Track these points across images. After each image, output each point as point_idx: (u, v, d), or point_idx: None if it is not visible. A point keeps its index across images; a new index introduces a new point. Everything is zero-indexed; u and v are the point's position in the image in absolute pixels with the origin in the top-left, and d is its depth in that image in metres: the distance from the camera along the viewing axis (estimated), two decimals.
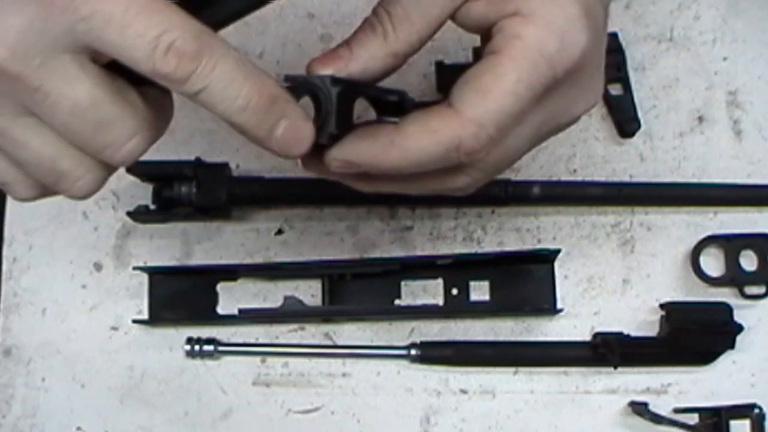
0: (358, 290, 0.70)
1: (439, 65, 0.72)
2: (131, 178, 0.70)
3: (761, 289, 0.70)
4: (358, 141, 0.46)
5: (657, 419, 0.66)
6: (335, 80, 0.45)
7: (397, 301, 0.70)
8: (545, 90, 0.45)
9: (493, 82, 0.44)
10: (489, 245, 0.71)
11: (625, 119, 0.71)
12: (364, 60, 0.47)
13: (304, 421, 0.69)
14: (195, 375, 0.69)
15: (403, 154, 0.45)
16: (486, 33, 0.47)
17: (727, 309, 0.68)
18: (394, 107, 0.50)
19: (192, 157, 0.69)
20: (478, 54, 0.48)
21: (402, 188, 0.49)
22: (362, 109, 0.74)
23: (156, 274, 0.70)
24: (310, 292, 0.70)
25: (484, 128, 0.44)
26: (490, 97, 0.44)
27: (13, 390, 0.69)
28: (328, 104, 0.45)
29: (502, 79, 0.44)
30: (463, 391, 0.69)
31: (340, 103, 0.45)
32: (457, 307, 0.70)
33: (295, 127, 0.43)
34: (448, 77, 0.71)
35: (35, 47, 0.38)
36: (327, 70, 0.46)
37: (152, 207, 0.70)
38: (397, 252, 0.71)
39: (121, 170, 0.68)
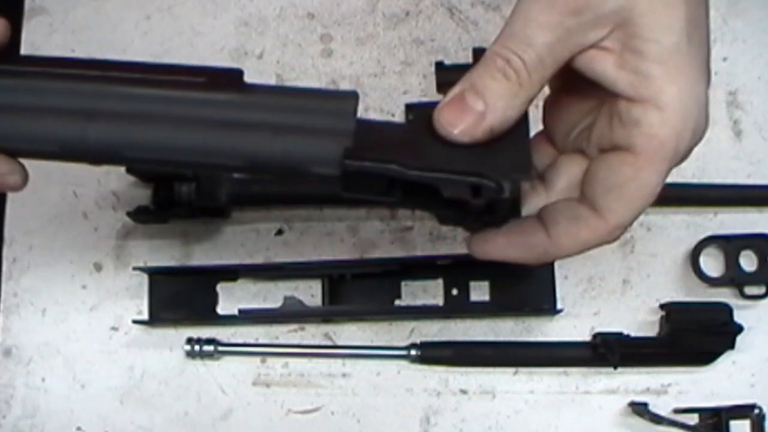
0: (358, 290, 0.70)
1: (439, 65, 0.71)
2: (131, 178, 0.70)
3: (761, 289, 0.70)
4: (512, 247, 0.49)
5: (657, 419, 0.66)
6: (516, 179, 0.44)
7: (397, 301, 0.70)
8: None
9: (637, 190, 0.45)
10: None
11: None
12: (502, 111, 0.45)
13: (304, 421, 0.69)
14: (195, 375, 0.69)
15: (552, 258, 0.49)
16: (597, 87, 0.46)
17: (727, 309, 0.68)
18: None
19: None
20: (478, 55, 0.48)
21: None
22: (362, 109, 0.74)
23: (156, 274, 0.70)
24: (310, 292, 0.70)
25: (626, 226, 0.47)
26: (635, 203, 0.46)
27: (13, 390, 0.69)
28: (501, 195, 0.44)
29: (646, 186, 0.45)
30: (463, 391, 0.69)
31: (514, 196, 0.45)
32: (457, 307, 0.70)
33: None
34: (448, 77, 0.71)
35: None
36: (461, 128, 0.45)
37: (152, 207, 0.70)
38: (397, 252, 0.71)
39: (121, 170, 0.68)
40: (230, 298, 0.70)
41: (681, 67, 0.44)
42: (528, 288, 0.70)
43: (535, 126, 0.50)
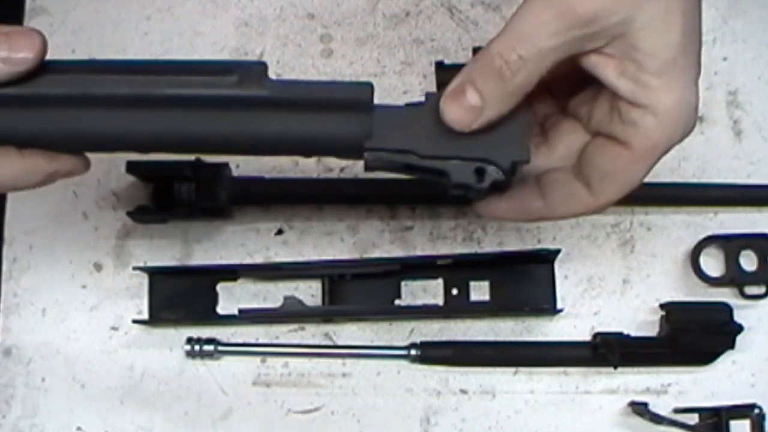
0: (358, 290, 0.70)
1: (439, 65, 0.71)
2: (131, 178, 0.70)
3: (761, 289, 0.70)
4: (512, 211, 0.55)
5: (657, 419, 0.66)
6: (516, 163, 0.50)
7: (397, 301, 0.70)
8: None
9: (628, 179, 0.51)
10: (489, 245, 0.71)
11: None
12: (498, 107, 0.48)
13: (304, 421, 0.69)
14: (195, 375, 0.69)
15: (545, 220, 0.58)
16: (595, 82, 0.50)
17: (727, 309, 0.68)
18: None
19: (192, 157, 0.69)
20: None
21: None
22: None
23: (156, 274, 0.70)
24: (310, 292, 0.70)
25: (612, 203, 0.53)
26: (624, 188, 0.51)
27: (13, 390, 0.69)
28: (502, 178, 0.50)
29: (636, 176, 0.51)
30: (463, 391, 0.69)
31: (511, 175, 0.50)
32: (457, 307, 0.70)
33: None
34: (448, 77, 0.71)
35: None
36: (461, 121, 0.49)
37: (152, 207, 0.70)
38: (397, 252, 0.71)
39: (121, 170, 0.68)
40: (230, 298, 0.70)
41: (676, 78, 0.48)
42: (528, 288, 0.70)
43: None
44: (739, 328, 0.67)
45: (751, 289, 0.70)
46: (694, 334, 0.67)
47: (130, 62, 0.51)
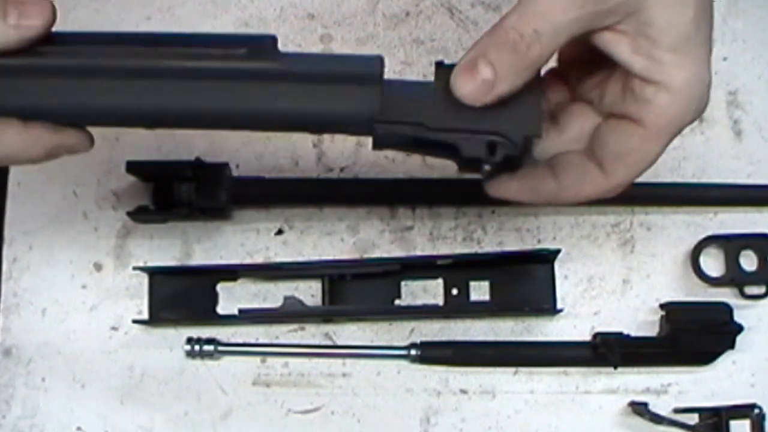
0: (358, 290, 0.70)
1: (439, 65, 0.71)
2: (131, 178, 0.70)
3: (761, 289, 0.70)
4: (523, 191, 0.54)
5: (657, 419, 0.66)
6: (528, 137, 0.49)
7: (397, 301, 0.70)
8: None
9: (642, 158, 0.50)
10: (489, 245, 0.71)
11: None
12: (511, 81, 0.48)
13: (304, 421, 0.69)
14: (195, 375, 0.69)
15: (557, 203, 0.55)
16: (606, 66, 0.50)
17: (727, 309, 0.68)
18: None
19: (192, 157, 0.69)
20: None
21: None
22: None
23: (156, 274, 0.70)
24: (310, 292, 0.70)
25: (626, 185, 0.52)
26: (638, 167, 0.51)
27: (13, 390, 0.69)
28: (514, 152, 0.49)
29: (650, 155, 0.50)
30: (463, 391, 0.69)
31: (525, 149, 0.50)
32: (457, 307, 0.70)
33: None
34: (448, 77, 0.71)
35: None
36: (473, 94, 0.48)
37: (152, 207, 0.70)
38: (397, 252, 0.71)
39: (121, 170, 0.68)
40: (230, 298, 0.70)
41: (690, 54, 0.48)
42: (528, 288, 0.70)
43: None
44: (739, 328, 0.67)
45: (751, 289, 0.70)
46: (694, 334, 0.67)
47: (138, 34, 0.50)
